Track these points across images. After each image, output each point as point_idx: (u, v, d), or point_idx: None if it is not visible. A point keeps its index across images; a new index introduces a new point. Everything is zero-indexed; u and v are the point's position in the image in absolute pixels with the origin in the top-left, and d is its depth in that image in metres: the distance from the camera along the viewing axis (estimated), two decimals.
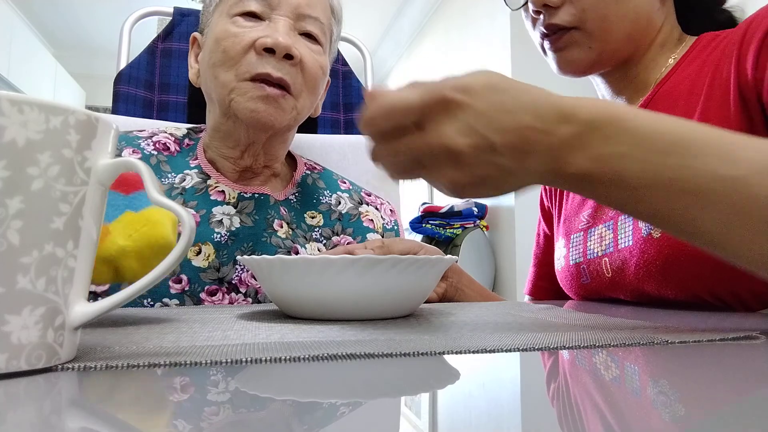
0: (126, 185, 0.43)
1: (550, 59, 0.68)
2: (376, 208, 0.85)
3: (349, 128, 1.15)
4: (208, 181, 0.73)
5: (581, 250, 0.70)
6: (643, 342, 0.33)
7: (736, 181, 0.33)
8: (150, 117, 1.04)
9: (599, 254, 0.67)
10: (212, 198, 0.72)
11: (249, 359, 0.28)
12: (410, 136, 0.37)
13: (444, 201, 2.90)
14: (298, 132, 1.07)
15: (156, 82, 1.05)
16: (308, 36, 0.72)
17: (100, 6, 4.09)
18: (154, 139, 0.76)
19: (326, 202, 0.81)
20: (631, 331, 0.37)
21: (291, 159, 0.86)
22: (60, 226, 0.25)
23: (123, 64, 1.05)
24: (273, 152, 0.76)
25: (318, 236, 0.77)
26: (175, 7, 1.07)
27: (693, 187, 0.33)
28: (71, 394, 0.23)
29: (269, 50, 0.67)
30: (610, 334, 0.36)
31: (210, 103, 0.75)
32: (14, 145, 0.24)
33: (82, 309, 0.27)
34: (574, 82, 0.82)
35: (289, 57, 0.68)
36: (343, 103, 1.15)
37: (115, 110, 1.01)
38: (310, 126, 1.11)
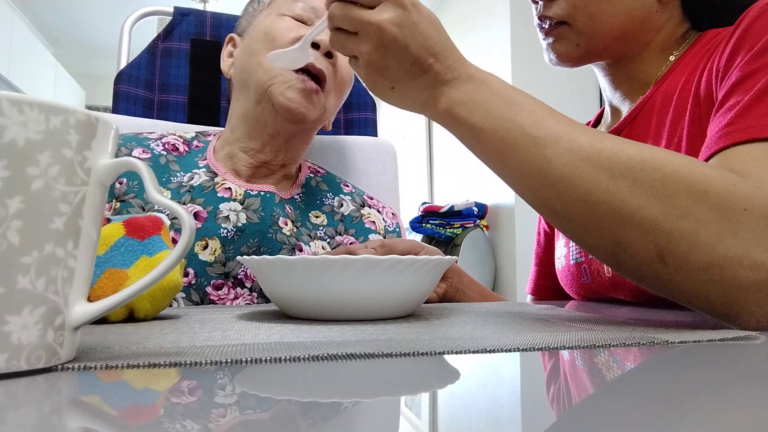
0: (141, 232, 0.48)
1: (543, 49, 0.68)
2: (378, 211, 0.87)
3: (350, 128, 1.15)
4: (216, 179, 0.75)
5: (581, 249, 0.70)
6: (643, 342, 0.33)
7: (536, 140, 0.42)
8: (150, 117, 1.03)
9: None
10: (219, 195, 0.73)
11: (249, 359, 0.28)
12: (362, 9, 0.46)
13: (444, 201, 2.90)
14: None
15: (156, 81, 1.05)
16: None
17: (100, 6, 4.09)
18: (163, 140, 0.79)
19: (329, 203, 0.83)
20: (631, 331, 0.37)
21: None
22: (60, 226, 0.25)
23: (123, 64, 1.05)
24: (294, 150, 0.79)
25: (322, 235, 0.79)
26: (175, 7, 1.07)
27: (507, 135, 0.43)
28: (71, 394, 0.23)
29: (314, 45, 0.73)
30: (610, 334, 0.36)
31: (242, 92, 0.78)
32: (14, 145, 0.24)
33: (82, 309, 0.27)
34: (576, 86, 0.82)
35: (329, 55, 0.75)
36: (344, 102, 1.15)
37: (115, 110, 1.01)
38: None
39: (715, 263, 0.37)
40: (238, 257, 0.48)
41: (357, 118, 1.15)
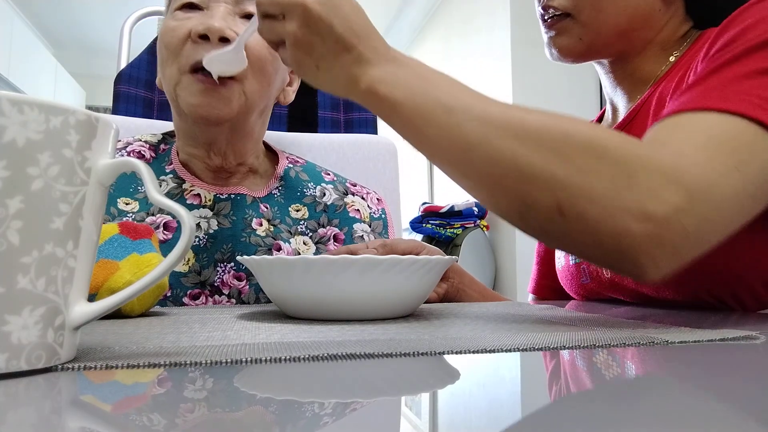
0: (134, 233, 0.51)
1: (544, 43, 0.68)
2: (363, 198, 0.84)
3: (349, 128, 1.15)
4: (184, 185, 0.73)
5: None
6: (643, 342, 0.33)
7: (450, 109, 0.43)
8: (150, 117, 1.04)
9: None
10: (188, 202, 0.72)
11: (249, 359, 0.28)
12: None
13: (444, 201, 2.90)
14: (297, 131, 1.07)
15: (156, 81, 1.05)
16: (249, 17, 0.70)
17: (100, 6, 4.09)
18: (128, 149, 0.76)
19: (310, 194, 0.80)
20: (631, 331, 0.37)
21: (273, 154, 0.85)
22: (60, 226, 0.25)
23: (123, 64, 1.05)
24: (241, 148, 0.74)
25: (303, 229, 0.76)
26: None
27: (424, 107, 0.44)
28: (71, 394, 0.23)
29: (204, 37, 0.66)
30: (610, 334, 0.36)
31: (170, 103, 0.74)
32: (14, 145, 0.24)
33: (82, 309, 0.27)
34: (575, 87, 0.82)
35: (224, 40, 0.66)
36: (344, 102, 1.15)
37: (115, 110, 1.01)
38: (310, 126, 1.11)
39: (609, 215, 0.39)
40: (238, 257, 0.49)
41: (357, 118, 1.15)
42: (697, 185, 0.39)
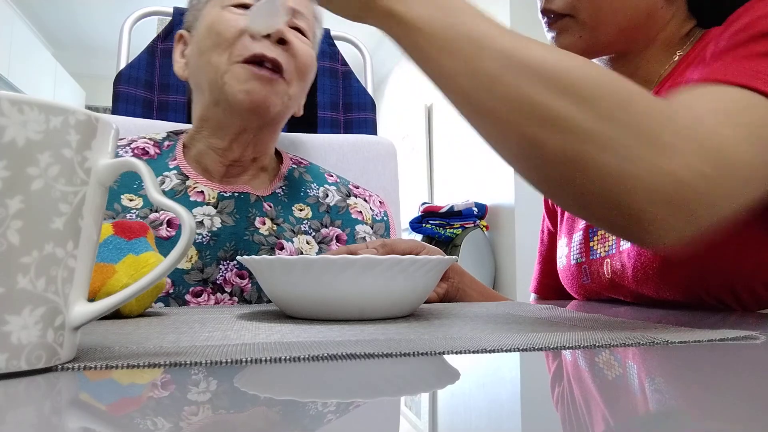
0: (129, 232, 0.50)
1: (548, 41, 0.68)
2: (365, 200, 0.85)
3: (349, 128, 1.15)
4: (187, 182, 0.73)
5: (582, 249, 0.70)
6: (643, 342, 0.33)
7: (473, 41, 0.41)
8: (150, 117, 1.04)
9: (601, 255, 0.67)
10: (192, 199, 0.72)
11: (249, 359, 0.28)
12: None
13: (444, 201, 2.90)
14: (297, 131, 1.07)
15: (156, 82, 1.05)
16: (297, 30, 0.76)
17: (100, 6, 4.09)
18: (132, 145, 0.77)
19: (314, 195, 0.81)
20: (631, 331, 0.37)
21: (277, 154, 0.86)
22: (60, 226, 0.25)
23: (123, 64, 1.05)
24: (263, 143, 0.77)
25: (307, 228, 0.77)
26: (175, 7, 1.07)
27: (444, 34, 0.42)
28: (71, 394, 0.23)
29: (265, 36, 0.70)
30: (611, 334, 0.36)
31: (198, 93, 0.75)
32: (14, 145, 0.24)
33: (82, 309, 0.27)
34: None
35: (282, 42, 0.71)
36: (343, 103, 1.15)
37: (115, 110, 1.01)
38: (310, 126, 1.11)
39: (623, 167, 0.37)
40: (238, 257, 0.49)
41: (357, 118, 1.15)
42: (716, 151, 0.39)
